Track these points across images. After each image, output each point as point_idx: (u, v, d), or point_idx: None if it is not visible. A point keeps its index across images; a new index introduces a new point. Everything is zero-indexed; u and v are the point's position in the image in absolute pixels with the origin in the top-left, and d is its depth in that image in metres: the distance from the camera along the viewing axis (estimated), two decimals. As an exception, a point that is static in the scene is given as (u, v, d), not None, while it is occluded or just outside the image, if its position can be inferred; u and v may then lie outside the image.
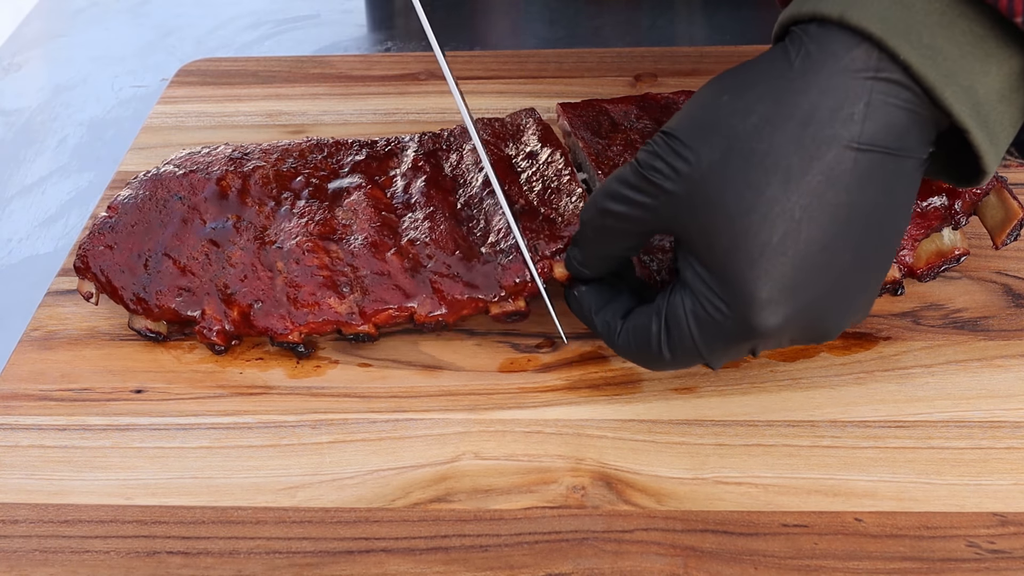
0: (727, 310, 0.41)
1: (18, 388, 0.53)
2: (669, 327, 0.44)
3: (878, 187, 0.40)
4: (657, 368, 0.47)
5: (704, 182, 0.41)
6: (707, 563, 0.43)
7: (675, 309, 0.44)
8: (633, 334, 0.46)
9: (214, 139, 0.69)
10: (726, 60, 0.75)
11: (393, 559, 0.44)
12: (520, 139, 0.61)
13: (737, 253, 0.40)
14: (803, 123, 0.40)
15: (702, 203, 0.41)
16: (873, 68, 0.39)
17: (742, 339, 0.42)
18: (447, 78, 0.53)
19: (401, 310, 0.53)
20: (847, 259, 0.41)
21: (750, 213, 0.40)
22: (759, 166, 0.40)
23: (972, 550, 0.43)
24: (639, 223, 0.45)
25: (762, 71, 0.41)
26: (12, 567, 0.45)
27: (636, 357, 0.47)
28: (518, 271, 0.53)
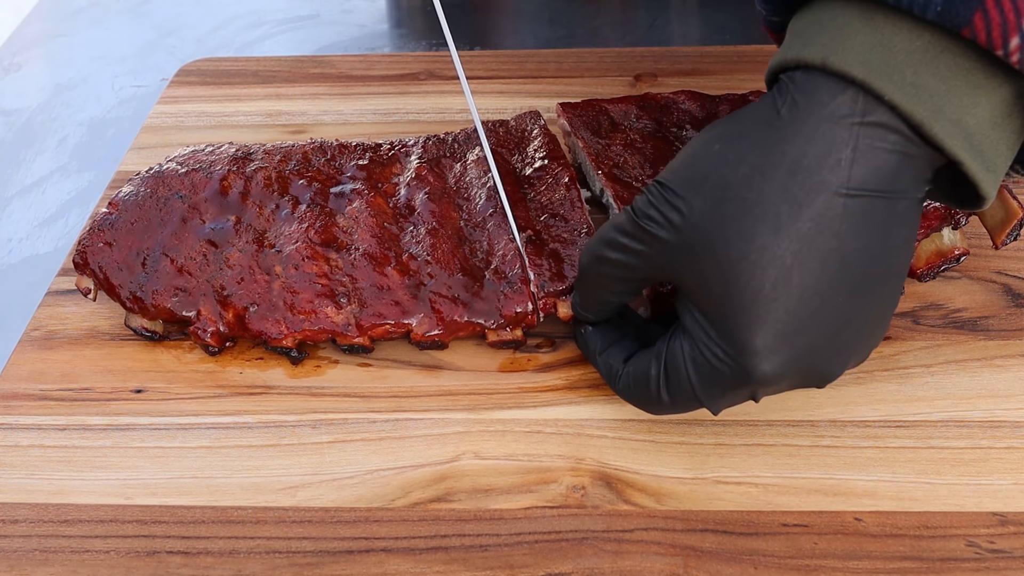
0: (724, 356, 0.41)
1: (18, 388, 0.53)
2: (668, 372, 0.44)
3: (871, 230, 0.40)
4: (657, 412, 0.47)
5: (696, 231, 0.41)
6: (707, 563, 0.43)
7: (674, 354, 0.44)
8: (633, 378, 0.46)
9: (214, 139, 0.69)
10: (726, 60, 0.75)
11: (393, 559, 0.44)
12: (525, 149, 0.61)
13: (731, 300, 0.40)
14: (791, 171, 0.40)
15: (695, 252, 0.41)
16: (859, 113, 0.39)
17: (739, 385, 0.42)
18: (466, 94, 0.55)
19: (398, 326, 0.52)
20: (842, 304, 0.41)
21: (741, 261, 0.40)
22: (749, 215, 0.40)
23: (972, 550, 0.43)
24: (635, 270, 0.45)
25: (751, 121, 0.42)
26: (12, 567, 0.45)
27: (636, 401, 0.47)
28: (520, 302, 0.52)
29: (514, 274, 0.53)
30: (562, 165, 0.59)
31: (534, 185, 0.58)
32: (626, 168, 0.59)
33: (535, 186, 0.58)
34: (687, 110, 0.63)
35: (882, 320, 0.43)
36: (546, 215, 0.56)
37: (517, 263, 0.54)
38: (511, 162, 0.60)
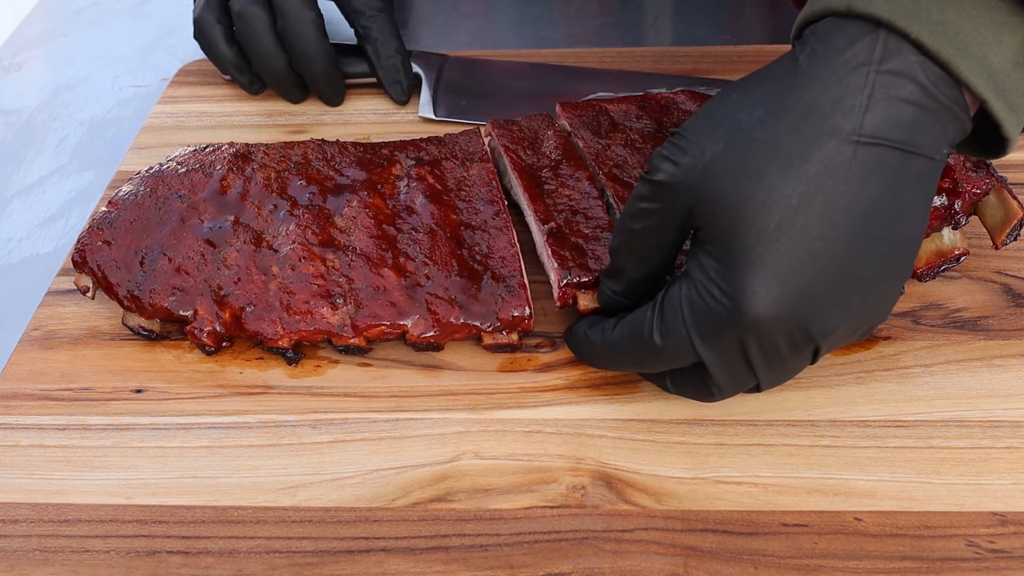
0: (719, 295, 0.41)
1: (18, 388, 0.53)
2: (663, 313, 0.44)
3: (882, 183, 0.40)
4: (648, 364, 0.46)
5: (707, 172, 0.41)
6: (707, 562, 0.43)
7: (671, 296, 0.44)
8: (628, 325, 0.46)
9: (214, 139, 0.69)
10: (726, 60, 0.75)
11: (393, 558, 0.44)
12: (540, 148, 0.61)
13: (735, 239, 0.41)
14: (804, 115, 0.40)
15: (705, 192, 0.42)
16: (876, 60, 0.39)
17: (732, 326, 0.41)
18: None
19: (394, 327, 0.52)
20: (843, 253, 0.41)
21: (749, 200, 0.40)
22: (759, 154, 0.40)
23: (972, 549, 0.43)
24: (660, 232, 0.45)
25: (771, 72, 0.43)
26: (12, 567, 0.45)
27: (627, 349, 0.47)
28: (517, 305, 0.52)
29: (512, 277, 0.53)
30: (579, 164, 0.59)
31: (550, 183, 0.58)
32: (626, 168, 0.59)
33: (552, 184, 0.58)
34: (687, 110, 0.63)
35: (887, 284, 0.43)
36: (565, 212, 0.56)
37: (516, 266, 0.53)
38: (525, 160, 0.60)
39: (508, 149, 0.60)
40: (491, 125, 0.62)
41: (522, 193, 0.56)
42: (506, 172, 0.60)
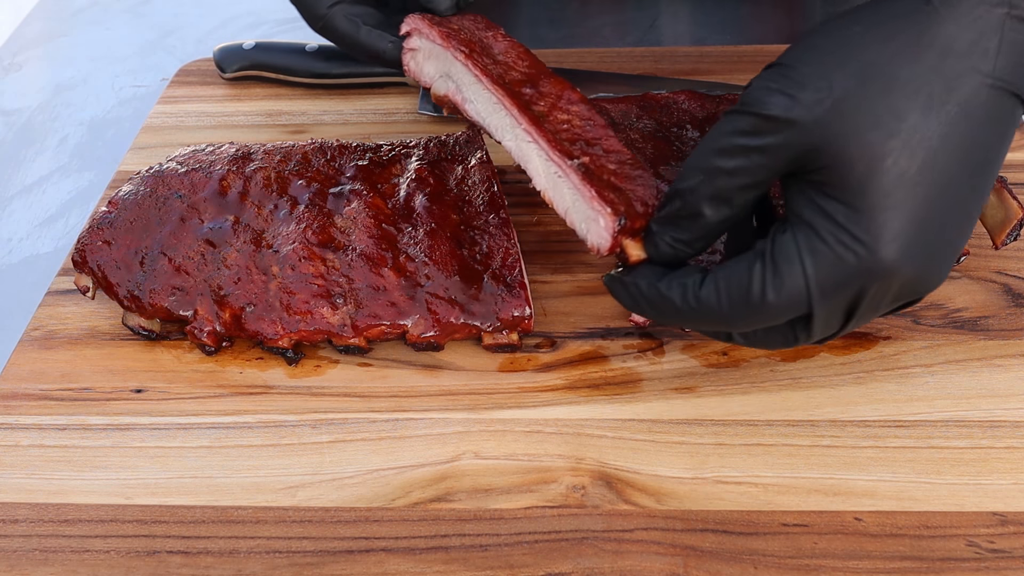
0: (851, 242, 0.39)
1: (18, 388, 0.53)
2: (777, 266, 0.41)
3: (1000, 127, 0.40)
4: (745, 323, 0.43)
5: (838, 108, 0.39)
6: (707, 562, 0.43)
7: (784, 248, 0.41)
8: (726, 282, 0.42)
9: (214, 139, 0.69)
10: (726, 60, 0.75)
11: (393, 558, 0.44)
12: (497, 58, 0.54)
13: (872, 181, 0.39)
14: (942, 54, 0.39)
15: (836, 130, 0.39)
16: (1008, 3, 0.39)
17: (860, 275, 0.40)
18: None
19: (394, 327, 0.52)
20: (966, 199, 0.40)
21: (889, 139, 0.39)
22: (900, 92, 0.39)
23: (972, 549, 0.43)
24: (758, 171, 0.41)
25: (892, 7, 0.41)
26: (12, 567, 0.45)
27: (726, 310, 0.42)
28: (517, 305, 0.52)
29: (512, 278, 0.53)
30: (558, 81, 0.53)
31: (538, 104, 0.51)
32: (626, 168, 0.59)
33: (540, 105, 0.51)
34: (687, 110, 0.63)
35: (968, 231, 0.42)
36: (579, 143, 0.49)
37: (516, 266, 0.53)
38: (493, 71, 0.52)
39: (469, 56, 0.51)
40: (419, 19, 0.53)
41: (518, 118, 0.48)
42: (461, 94, 0.52)
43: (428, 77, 0.53)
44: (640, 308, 0.46)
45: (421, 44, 0.53)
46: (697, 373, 0.52)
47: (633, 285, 0.45)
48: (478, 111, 0.51)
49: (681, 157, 0.60)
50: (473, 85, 0.51)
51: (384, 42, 0.54)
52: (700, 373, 0.52)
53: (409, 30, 0.53)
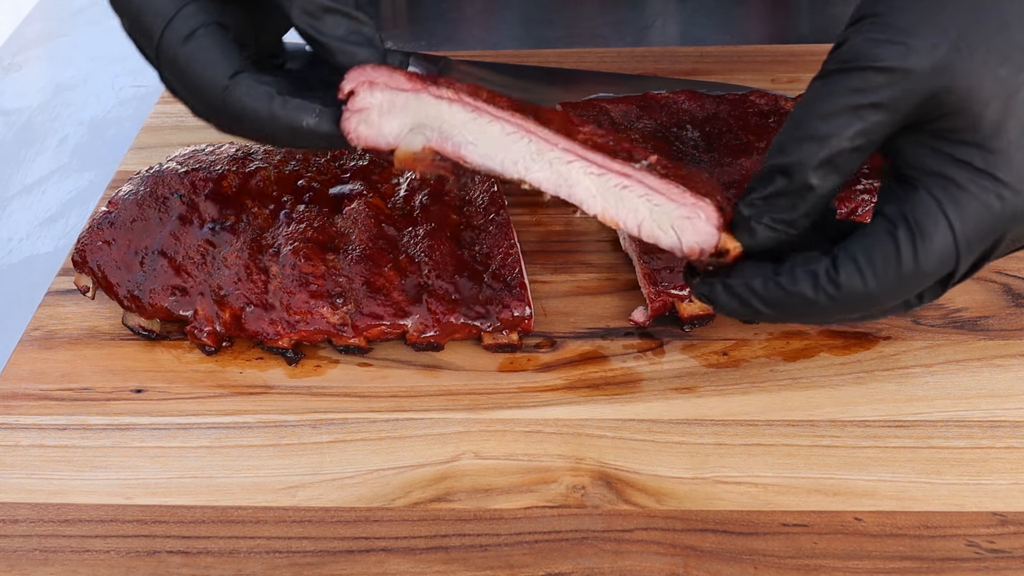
0: (993, 186, 0.38)
1: (18, 388, 0.53)
2: (922, 226, 0.38)
3: None
4: (895, 296, 0.40)
5: (958, 49, 0.37)
6: (707, 563, 0.43)
7: (922, 205, 0.38)
8: (867, 258, 0.39)
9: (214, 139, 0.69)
10: (726, 60, 0.75)
11: (393, 558, 0.44)
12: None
13: (1008, 120, 0.37)
14: None
15: (960, 72, 0.37)
16: None
17: (1004, 220, 0.38)
18: None
19: (394, 327, 0.52)
20: None
21: (1020, 73, 0.37)
22: (1017, 24, 0.38)
23: (972, 549, 0.43)
24: (875, 130, 0.39)
25: None
26: (12, 567, 0.45)
27: (872, 288, 0.39)
28: (517, 305, 0.52)
29: (512, 278, 0.53)
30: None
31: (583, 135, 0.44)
32: (626, 168, 0.59)
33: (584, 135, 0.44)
34: (687, 110, 0.63)
35: None
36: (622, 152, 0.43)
37: (516, 266, 0.53)
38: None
39: (460, 89, 0.44)
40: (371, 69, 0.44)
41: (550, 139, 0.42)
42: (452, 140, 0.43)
43: (390, 137, 0.43)
44: (755, 310, 0.42)
45: (375, 99, 0.43)
46: (697, 373, 0.52)
47: (743, 286, 0.41)
48: (484, 152, 0.43)
49: (681, 157, 0.60)
50: (472, 122, 0.43)
51: (308, 113, 0.44)
52: (700, 373, 0.52)
53: (355, 87, 0.43)
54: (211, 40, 0.45)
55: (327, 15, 0.44)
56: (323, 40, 0.44)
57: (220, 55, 0.45)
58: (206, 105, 0.46)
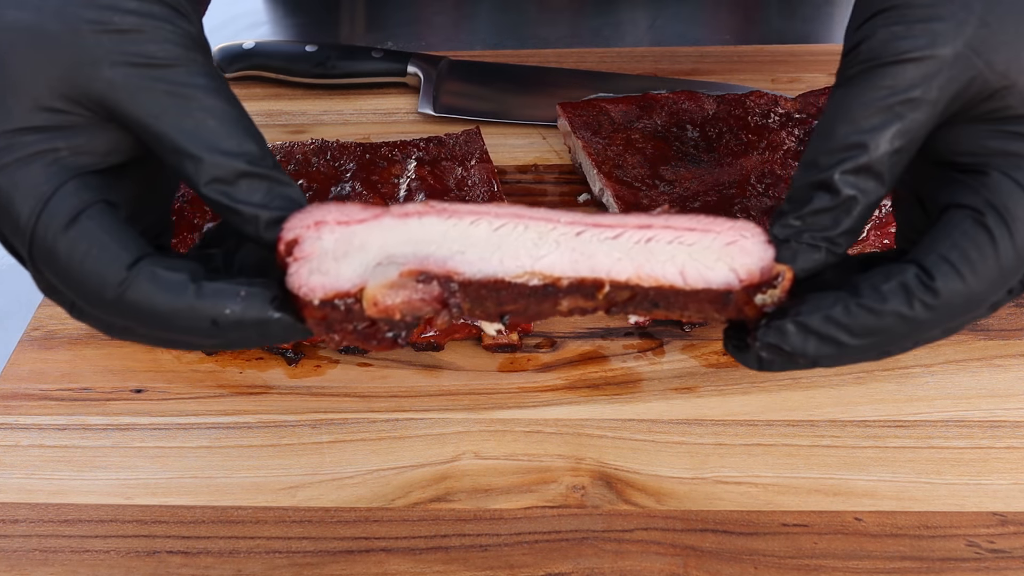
0: None
1: (18, 388, 0.53)
2: (1011, 213, 0.35)
3: None
4: (996, 293, 0.36)
5: (987, 24, 0.35)
6: (707, 562, 0.43)
7: (1005, 189, 0.35)
8: (962, 258, 0.35)
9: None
10: (726, 60, 0.75)
11: (393, 558, 0.44)
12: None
13: None
14: None
15: (996, 46, 0.35)
16: None
17: None
18: None
19: None
20: None
21: None
22: None
23: (972, 549, 0.43)
24: (917, 128, 0.36)
25: None
26: (12, 567, 0.45)
27: (976, 289, 0.35)
28: None
29: None
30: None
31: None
32: (626, 168, 0.59)
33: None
34: (687, 110, 0.64)
35: None
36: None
37: None
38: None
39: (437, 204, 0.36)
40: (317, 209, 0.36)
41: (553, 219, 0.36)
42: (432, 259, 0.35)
43: (354, 278, 0.35)
44: (840, 345, 0.36)
45: (327, 243, 0.35)
46: (697, 373, 0.52)
47: (822, 319, 0.36)
48: (477, 257, 0.35)
49: (681, 157, 0.60)
50: (452, 230, 0.36)
51: (231, 298, 0.35)
52: (700, 373, 0.52)
53: (298, 235, 0.35)
54: (100, 223, 0.35)
55: (242, 180, 0.36)
56: (240, 208, 0.36)
57: (113, 241, 0.35)
58: (98, 305, 0.36)
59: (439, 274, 0.35)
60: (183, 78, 0.36)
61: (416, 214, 0.35)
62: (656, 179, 0.58)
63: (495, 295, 0.35)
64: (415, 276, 0.35)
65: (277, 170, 0.37)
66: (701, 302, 0.36)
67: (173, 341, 0.37)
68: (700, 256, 0.37)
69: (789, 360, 0.37)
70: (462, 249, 0.35)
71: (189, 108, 0.36)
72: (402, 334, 0.35)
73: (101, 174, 0.37)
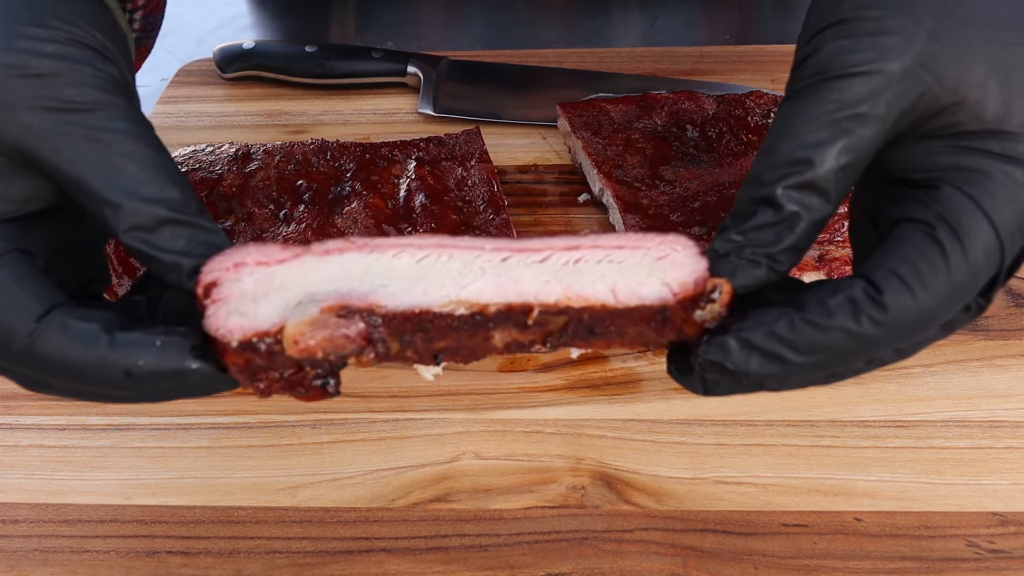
0: (1021, 169, 0.34)
1: (18, 388, 0.53)
2: (962, 226, 0.34)
3: None
4: (950, 310, 0.35)
5: (938, 39, 0.35)
6: (707, 563, 0.43)
7: (957, 203, 0.34)
8: (911, 272, 0.34)
9: (214, 139, 0.69)
10: (726, 60, 0.75)
11: (393, 559, 0.44)
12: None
13: (1017, 97, 0.35)
14: None
15: (945, 61, 0.35)
16: None
17: None
18: None
19: None
20: None
21: (1011, 47, 0.35)
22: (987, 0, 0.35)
23: (972, 550, 0.43)
24: (864, 144, 0.35)
25: None
26: (12, 567, 0.45)
27: (927, 305, 0.34)
28: None
29: None
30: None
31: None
32: (626, 168, 0.59)
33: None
34: (687, 110, 0.64)
35: None
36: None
37: None
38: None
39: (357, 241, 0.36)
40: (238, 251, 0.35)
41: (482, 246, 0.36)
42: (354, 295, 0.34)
43: (273, 317, 0.34)
44: (783, 362, 0.35)
45: (245, 284, 0.34)
46: (697, 373, 0.52)
47: (765, 335, 0.34)
48: (400, 289, 0.35)
49: (681, 157, 0.60)
50: (375, 264, 0.35)
51: (145, 348, 0.34)
52: (700, 373, 0.52)
53: (216, 278, 0.34)
54: (12, 273, 0.34)
55: (163, 227, 0.35)
56: (161, 256, 0.35)
57: (24, 291, 0.34)
58: (6, 356, 0.35)
59: (361, 308, 0.34)
60: (102, 123, 0.35)
61: (337, 251, 0.35)
62: (656, 179, 0.58)
63: (422, 329, 0.34)
64: (336, 311, 0.34)
65: (202, 216, 0.36)
66: (638, 323, 0.35)
67: (89, 394, 0.36)
68: (631, 273, 0.35)
69: (733, 381, 0.36)
70: (385, 282, 0.34)
71: (108, 153, 0.34)
72: (331, 381, 0.34)
73: (17, 222, 0.35)
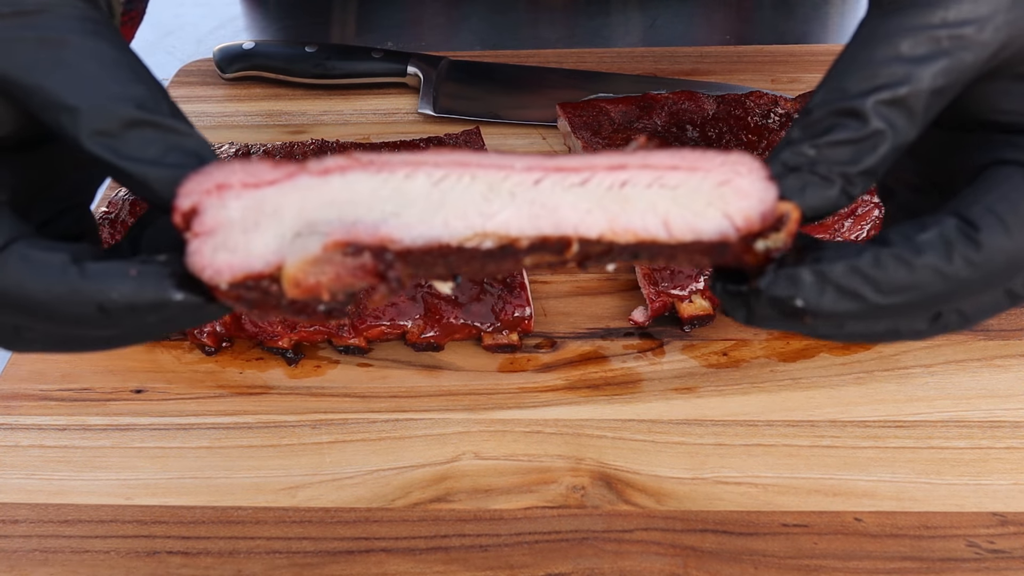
0: None
1: (18, 388, 0.53)
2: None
3: None
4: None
5: None
6: (707, 563, 0.43)
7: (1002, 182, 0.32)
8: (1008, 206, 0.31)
9: (214, 139, 0.69)
10: (726, 60, 0.75)
11: (393, 559, 0.44)
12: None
13: None
14: None
15: None
16: None
17: None
18: None
19: (394, 327, 0.52)
20: None
21: None
22: None
23: (972, 550, 0.43)
24: (962, 67, 0.32)
25: None
26: (12, 567, 0.45)
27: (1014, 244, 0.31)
28: (518, 305, 0.52)
29: (512, 277, 0.53)
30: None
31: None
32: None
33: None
34: (687, 110, 0.64)
35: None
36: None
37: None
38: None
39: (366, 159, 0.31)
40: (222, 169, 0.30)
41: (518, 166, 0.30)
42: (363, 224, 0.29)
43: (268, 255, 0.29)
44: (863, 301, 0.31)
45: (232, 210, 0.29)
46: (697, 373, 0.52)
47: (846, 269, 0.31)
48: (416, 219, 0.29)
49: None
50: (383, 187, 0.30)
51: (120, 278, 0.30)
52: (700, 373, 0.52)
53: (196, 203, 0.29)
54: None
55: (131, 131, 0.30)
56: (128, 168, 0.30)
57: None
58: None
59: (371, 244, 0.29)
60: (54, 23, 0.31)
61: (338, 169, 0.29)
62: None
63: (442, 262, 0.30)
64: (342, 248, 0.29)
65: (176, 118, 0.31)
66: (691, 253, 0.31)
67: (68, 340, 0.32)
68: (687, 201, 0.30)
69: (791, 317, 0.32)
70: (397, 211, 0.29)
71: (61, 53, 0.30)
72: (339, 308, 0.30)
73: None
